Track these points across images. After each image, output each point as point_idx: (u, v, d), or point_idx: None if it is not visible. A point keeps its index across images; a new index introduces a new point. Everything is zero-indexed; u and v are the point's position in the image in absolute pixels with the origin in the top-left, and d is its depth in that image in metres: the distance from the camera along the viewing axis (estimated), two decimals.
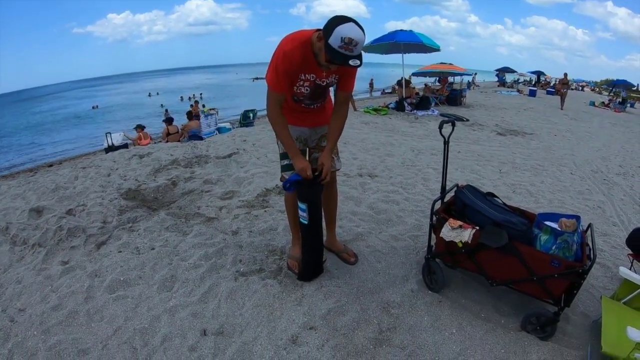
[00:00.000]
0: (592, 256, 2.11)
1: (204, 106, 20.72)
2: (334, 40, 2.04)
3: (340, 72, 2.42)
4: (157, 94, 51.77)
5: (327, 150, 2.54)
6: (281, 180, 2.75)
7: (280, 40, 2.28)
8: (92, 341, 2.25)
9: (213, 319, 2.39)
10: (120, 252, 3.14)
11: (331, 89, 2.60)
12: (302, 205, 2.54)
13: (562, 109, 16.42)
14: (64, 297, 2.62)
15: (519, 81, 35.28)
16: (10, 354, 2.18)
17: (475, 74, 22.24)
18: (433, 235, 2.59)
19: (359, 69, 2.26)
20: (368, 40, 14.40)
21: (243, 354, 2.14)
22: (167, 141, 10.53)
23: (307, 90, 2.41)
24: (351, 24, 2.05)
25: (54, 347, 2.20)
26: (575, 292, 2.14)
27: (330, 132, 2.57)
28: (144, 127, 12.23)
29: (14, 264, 3.10)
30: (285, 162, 2.63)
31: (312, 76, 2.35)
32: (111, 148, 11.14)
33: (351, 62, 2.09)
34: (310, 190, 2.50)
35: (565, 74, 18.77)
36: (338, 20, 2.06)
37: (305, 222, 2.58)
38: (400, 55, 14.04)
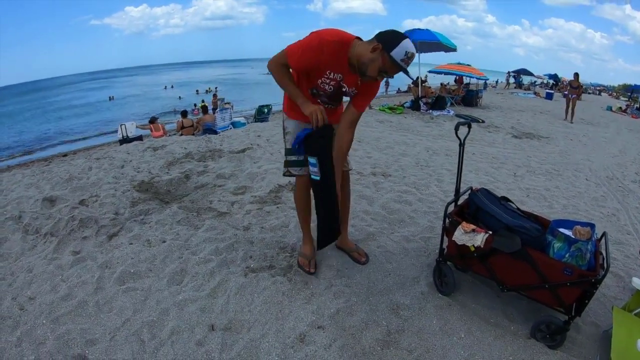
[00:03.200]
0: (605, 265, 2.07)
1: (223, 99, 20.81)
2: (398, 53, 2.11)
3: (362, 88, 2.42)
4: (172, 87, 52.10)
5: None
6: (284, 175, 2.74)
7: (320, 29, 2.25)
8: (100, 332, 2.27)
9: (221, 314, 2.39)
10: (132, 244, 3.16)
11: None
12: (312, 160, 2.39)
13: (567, 119, 13.47)
14: (73, 287, 2.64)
15: (536, 83, 34.88)
16: (18, 342, 2.20)
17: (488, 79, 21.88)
18: (445, 238, 2.57)
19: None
20: None
21: (250, 351, 2.14)
22: (181, 134, 10.59)
23: (330, 89, 2.39)
24: (410, 41, 2.16)
25: (62, 336, 2.22)
26: (586, 301, 2.10)
27: (337, 157, 2.49)
28: (157, 118, 12.35)
29: (26, 253, 3.14)
30: (293, 158, 2.61)
31: (340, 76, 2.33)
32: (125, 140, 11.24)
33: (407, 73, 2.23)
34: (321, 141, 2.36)
35: (577, 75, 14.34)
36: (400, 35, 2.16)
37: (317, 178, 2.43)
38: (417, 54, 13.95)
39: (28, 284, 2.72)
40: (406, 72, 2.20)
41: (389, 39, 2.14)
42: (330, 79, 2.34)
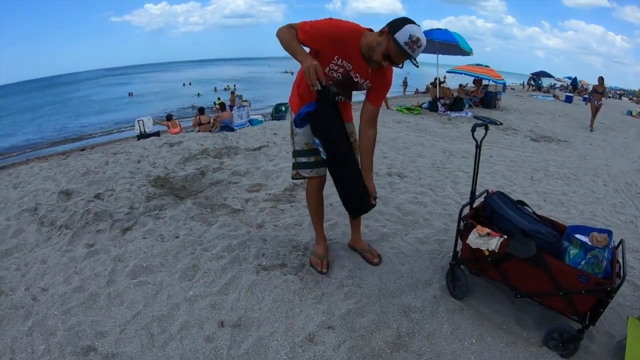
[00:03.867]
0: (621, 274, 2.02)
1: (241, 97, 20.85)
2: (402, 36, 2.09)
3: (375, 81, 2.40)
4: (190, 84, 52.51)
5: (368, 175, 2.51)
6: (293, 178, 2.72)
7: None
8: (111, 324, 2.29)
9: (231, 311, 2.40)
10: (145, 238, 3.18)
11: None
12: (316, 140, 2.36)
13: (591, 128, 12.29)
14: (86, 279, 2.67)
15: (556, 86, 34.37)
16: (30, 331, 2.24)
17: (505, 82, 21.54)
18: (459, 241, 2.53)
19: (394, 67, 2.32)
20: None
21: (258, 349, 2.13)
22: (198, 130, 10.68)
23: (339, 77, 2.37)
24: (419, 27, 2.12)
25: (72, 327, 2.25)
26: (601, 310, 2.05)
27: (364, 155, 2.54)
28: (172, 115, 12.48)
29: (41, 244, 3.18)
30: (303, 160, 2.60)
31: (349, 65, 2.31)
32: (143, 135, 11.36)
33: (412, 61, 2.17)
34: (321, 121, 2.28)
35: (601, 79, 13.27)
36: (407, 20, 2.14)
37: (324, 157, 2.39)
38: (435, 55, 13.87)
39: (41, 275, 2.76)
40: (410, 58, 2.15)
41: (396, 23, 2.14)
42: (338, 65, 2.32)
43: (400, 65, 2.27)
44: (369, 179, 2.50)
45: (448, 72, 17.48)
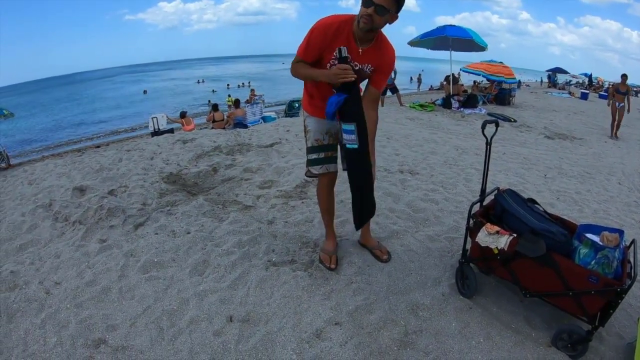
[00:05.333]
0: (632, 275, 1.99)
1: (261, 97, 20.88)
2: None
3: (375, 61, 2.39)
4: (203, 81, 52.79)
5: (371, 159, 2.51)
6: (306, 175, 2.75)
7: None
8: (122, 318, 2.33)
9: (240, 306, 2.42)
10: (157, 234, 3.22)
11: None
12: (349, 127, 2.31)
13: (614, 136, 10.55)
14: (98, 273, 2.73)
15: (571, 83, 33.88)
16: (42, 324, 2.30)
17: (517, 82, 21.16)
18: (469, 239, 2.52)
19: (406, 64, 2.27)
20: (417, 35, 14.18)
21: (266, 344, 2.15)
22: (212, 127, 10.75)
23: None
24: None
25: (84, 320, 2.30)
26: (611, 311, 2.02)
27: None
28: (186, 113, 12.58)
29: (55, 239, 3.25)
30: (313, 156, 2.61)
31: (348, 56, 2.31)
32: (157, 132, 11.47)
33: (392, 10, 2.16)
34: (357, 107, 2.30)
35: (625, 77, 11.15)
36: None
37: (355, 146, 2.34)
38: (448, 51, 13.76)
39: (55, 269, 2.82)
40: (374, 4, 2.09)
41: None
42: (337, 58, 2.31)
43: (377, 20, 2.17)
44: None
45: (462, 70, 17.33)
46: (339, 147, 2.64)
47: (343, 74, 2.18)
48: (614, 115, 10.73)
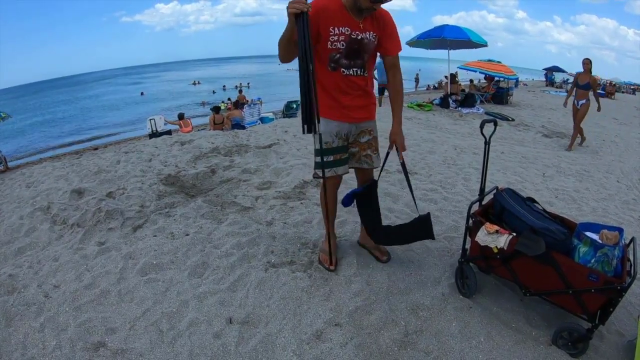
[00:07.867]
0: (632, 272, 1.99)
1: (258, 98, 20.83)
2: None
3: (378, 31, 2.39)
4: (199, 82, 52.72)
5: (396, 123, 2.56)
6: (314, 177, 2.76)
7: None
8: (121, 321, 2.33)
9: (240, 308, 2.41)
10: (155, 236, 3.21)
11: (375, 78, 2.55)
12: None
13: (570, 147, 7.99)
14: (97, 276, 2.72)
15: (568, 81, 33.88)
16: (41, 327, 2.29)
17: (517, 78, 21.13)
18: (468, 239, 2.51)
19: (404, 64, 2.27)
20: (414, 35, 14.18)
21: (266, 345, 2.15)
22: (211, 129, 10.74)
23: (342, 45, 2.34)
24: None
25: (83, 323, 2.29)
26: (611, 309, 2.01)
27: (395, 101, 2.60)
28: (184, 114, 12.55)
29: (53, 242, 3.24)
30: (319, 159, 2.59)
31: (347, 29, 2.30)
32: (154, 134, 11.46)
33: None
34: (370, 201, 2.75)
35: (587, 62, 7.90)
36: None
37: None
38: (446, 51, 13.77)
39: (54, 272, 2.81)
40: None
41: None
42: (337, 34, 2.30)
43: None
44: (398, 131, 2.56)
45: (460, 68, 17.30)
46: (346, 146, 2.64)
47: (291, 5, 2.07)
48: (574, 117, 8.12)
